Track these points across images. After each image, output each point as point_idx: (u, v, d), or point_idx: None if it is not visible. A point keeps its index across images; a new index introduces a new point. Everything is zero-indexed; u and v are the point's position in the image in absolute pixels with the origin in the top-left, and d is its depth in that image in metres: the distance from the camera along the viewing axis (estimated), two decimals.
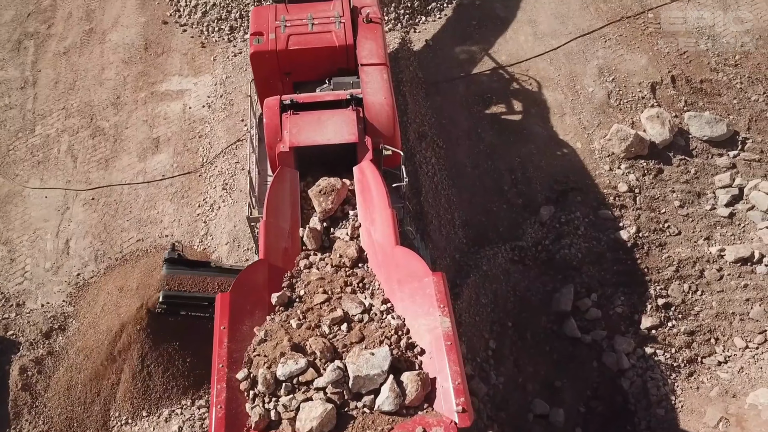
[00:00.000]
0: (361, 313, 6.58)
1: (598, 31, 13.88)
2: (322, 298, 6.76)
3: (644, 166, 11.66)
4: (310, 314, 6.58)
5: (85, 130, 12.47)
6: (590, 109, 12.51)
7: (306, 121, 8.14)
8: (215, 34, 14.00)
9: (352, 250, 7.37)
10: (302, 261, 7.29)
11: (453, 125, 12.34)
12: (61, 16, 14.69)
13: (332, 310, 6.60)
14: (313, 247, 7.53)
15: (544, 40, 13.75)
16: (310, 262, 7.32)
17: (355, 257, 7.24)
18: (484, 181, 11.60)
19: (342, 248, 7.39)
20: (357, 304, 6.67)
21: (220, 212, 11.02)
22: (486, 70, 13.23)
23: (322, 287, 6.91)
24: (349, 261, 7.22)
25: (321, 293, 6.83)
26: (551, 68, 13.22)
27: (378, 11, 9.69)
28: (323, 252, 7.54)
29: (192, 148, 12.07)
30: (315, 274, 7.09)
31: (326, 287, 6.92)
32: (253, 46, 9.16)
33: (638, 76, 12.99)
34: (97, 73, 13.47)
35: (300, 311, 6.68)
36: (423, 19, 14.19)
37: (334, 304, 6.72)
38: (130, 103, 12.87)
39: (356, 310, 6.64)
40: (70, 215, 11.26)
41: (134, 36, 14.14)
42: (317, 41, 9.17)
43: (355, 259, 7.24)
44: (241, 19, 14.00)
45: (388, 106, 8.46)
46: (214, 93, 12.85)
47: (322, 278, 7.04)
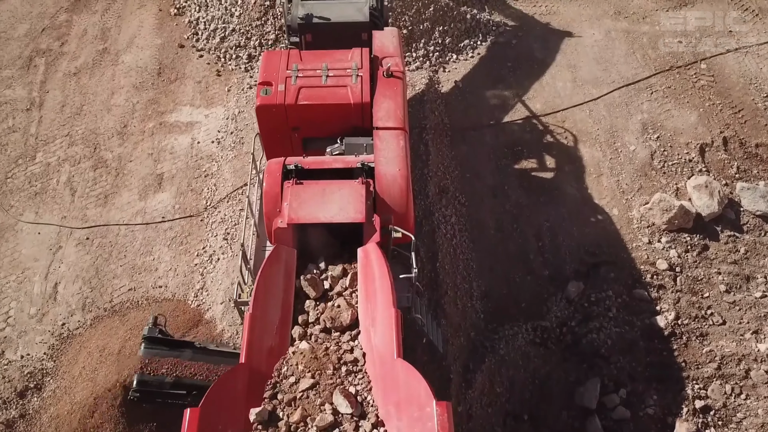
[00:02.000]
0: (351, 418, 5.77)
1: (644, 81, 12.73)
2: (309, 383, 6.03)
3: (687, 241, 10.50)
4: (295, 411, 5.79)
5: (87, 160, 11.78)
6: (630, 171, 11.38)
7: (309, 193, 7.24)
8: (232, 62, 13.21)
9: (346, 316, 6.65)
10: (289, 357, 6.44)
11: (478, 180, 11.33)
12: (75, 33, 14.08)
13: (321, 405, 5.79)
14: (313, 295, 6.90)
15: (584, 88, 12.65)
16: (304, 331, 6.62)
17: (348, 324, 6.59)
18: (508, 247, 10.58)
19: (336, 313, 6.64)
20: (347, 404, 5.86)
21: (218, 265, 10.20)
22: (518, 119, 12.19)
23: (310, 370, 6.11)
24: (342, 328, 6.58)
25: (309, 377, 6.06)
26: (590, 121, 12.13)
27: (400, 63, 8.74)
28: (324, 300, 6.90)
29: (196, 188, 11.29)
30: (302, 352, 6.28)
31: (315, 367, 6.13)
32: (260, 97, 8.30)
33: (686, 135, 11.82)
34: (107, 97, 12.79)
35: (284, 425, 5.82)
36: (454, 57, 13.21)
37: (323, 396, 5.91)
38: (137, 133, 12.15)
39: (347, 409, 5.83)
40: (61, 255, 10.56)
41: (148, 59, 13.44)
42: (330, 97, 8.27)
43: (349, 326, 6.58)
44: (260, 47, 13.20)
45: (402, 179, 7.51)
46: (225, 128, 12.05)
47: (313, 355, 6.23)
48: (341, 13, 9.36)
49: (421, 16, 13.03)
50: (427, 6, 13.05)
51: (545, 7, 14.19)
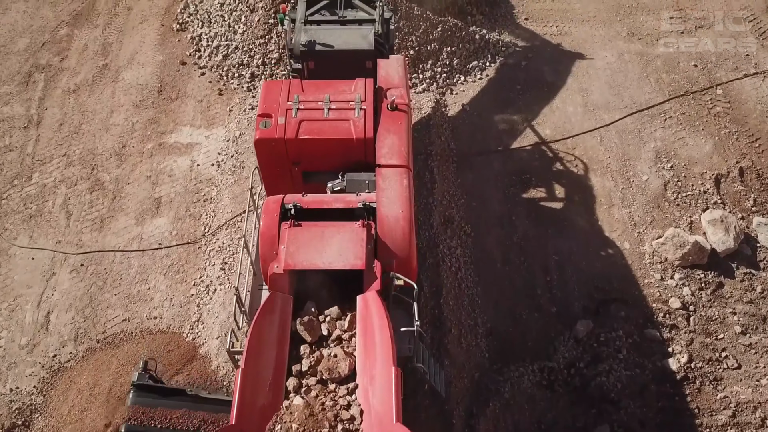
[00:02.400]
0: None
1: (657, 106, 12.34)
2: None
3: (702, 279, 10.11)
4: None
5: (84, 182, 11.50)
6: (643, 202, 11.00)
7: (307, 236, 6.90)
8: (234, 81, 12.91)
9: (344, 366, 6.33)
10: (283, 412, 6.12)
11: (484, 208, 10.98)
12: (76, 48, 13.81)
13: None
14: (309, 340, 6.60)
15: (596, 113, 12.27)
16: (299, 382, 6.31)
17: (346, 375, 6.27)
18: (515, 281, 10.22)
19: (333, 363, 6.34)
20: None
21: (215, 296, 9.89)
22: (527, 145, 11.83)
23: (305, 430, 5.80)
24: (339, 379, 6.27)
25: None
26: (601, 148, 11.75)
27: (406, 96, 8.40)
28: (320, 346, 6.60)
29: (195, 213, 10.98)
30: (296, 409, 5.96)
31: (310, 425, 5.84)
32: (259, 130, 7.98)
33: (701, 164, 11.43)
34: (106, 116, 12.51)
35: None
36: (462, 79, 12.85)
37: None
38: (136, 154, 11.86)
39: None
40: (55, 282, 10.27)
41: (149, 76, 13.15)
42: (332, 131, 7.93)
43: (347, 378, 6.27)
44: (263, 66, 12.88)
45: (405, 222, 7.17)
46: (225, 151, 11.75)
47: (308, 412, 5.91)
48: (345, 41, 9.03)
49: (429, 37, 12.69)
50: (435, 26, 12.71)
51: (556, 27, 13.81)
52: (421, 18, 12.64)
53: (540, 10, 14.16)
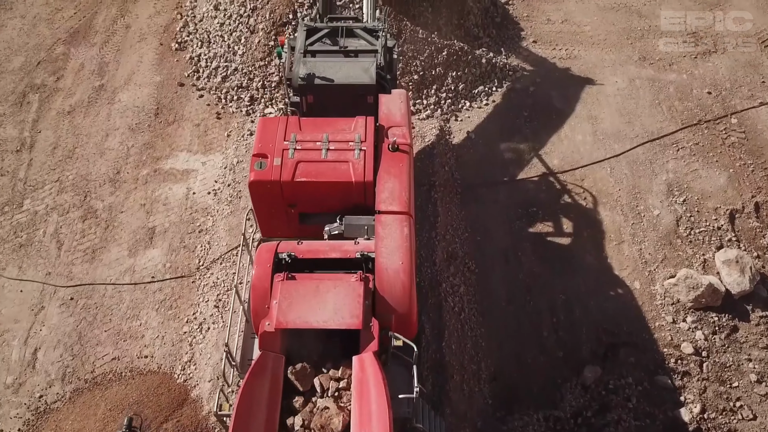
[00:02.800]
0: None
1: (669, 136, 11.93)
2: None
3: (715, 322, 9.69)
4: None
5: (76, 209, 11.16)
6: (654, 239, 10.58)
7: (301, 291, 6.52)
8: (233, 104, 12.56)
9: (337, 423, 6.04)
10: None
11: (489, 243, 10.58)
12: (72, 67, 13.48)
13: None
14: (302, 389, 6.32)
15: (606, 142, 11.86)
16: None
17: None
18: (521, 321, 9.81)
19: (326, 420, 6.05)
20: None
21: (208, 336, 9.53)
22: (534, 176, 11.43)
23: None
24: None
25: None
26: (611, 180, 11.34)
27: (407, 135, 8.01)
28: (313, 394, 6.31)
29: (189, 244, 10.63)
30: None
31: None
32: (254, 171, 7.60)
33: (714, 199, 11.01)
34: (100, 140, 12.17)
35: None
36: (467, 104, 12.46)
37: None
38: (130, 180, 11.51)
39: None
40: (44, 317, 9.93)
41: (146, 98, 12.81)
42: (330, 173, 7.56)
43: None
44: (263, 89, 12.52)
45: (405, 275, 6.78)
46: (222, 178, 11.39)
47: None
48: (346, 74, 8.65)
49: (434, 61, 12.31)
50: (440, 50, 12.32)
51: (565, 50, 13.41)
52: (426, 42, 12.26)
53: (549, 32, 13.76)
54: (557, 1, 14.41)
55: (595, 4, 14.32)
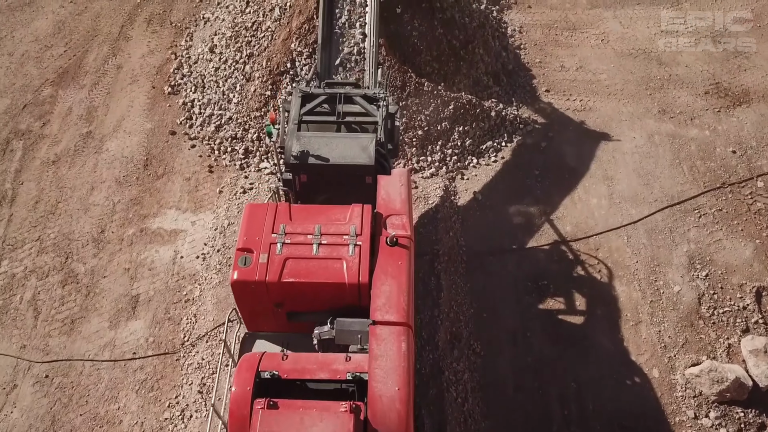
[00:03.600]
0: None
1: (691, 200, 11.15)
2: None
3: (741, 418, 8.91)
4: None
5: (56, 273, 10.49)
6: (674, 319, 9.81)
7: (283, 424, 5.81)
8: (227, 157, 11.86)
9: None
10: None
11: (495, 321, 9.84)
12: (59, 111, 12.83)
13: None
14: None
15: (622, 206, 11.10)
16: None
17: None
18: (528, 411, 9.06)
19: None
20: None
21: (190, 425, 8.82)
22: (545, 244, 10.67)
23: None
24: None
25: None
26: (628, 250, 10.57)
27: (408, 225, 7.27)
28: None
29: (175, 316, 9.94)
30: None
31: None
32: (238, 269, 6.89)
33: (740, 274, 10.23)
34: (85, 193, 11.51)
35: None
36: (474, 161, 11.72)
37: None
38: (115, 241, 10.84)
39: None
40: (15, 397, 9.26)
41: (135, 147, 12.14)
42: (321, 273, 6.83)
43: None
44: (258, 142, 11.83)
45: (401, 404, 6.04)
46: (212, 241, 10.70)
47: None
48: (343, 153, 7.93)
49: (440, 115, 11.57)
50: (446, 104, 11.59)
51: (580, 101, 12.65)
52: (431, 95, 11.53)
53: (562, 81, 13.00)
54: (572, 46, 13.65)
55: (612, 50, 13.55)
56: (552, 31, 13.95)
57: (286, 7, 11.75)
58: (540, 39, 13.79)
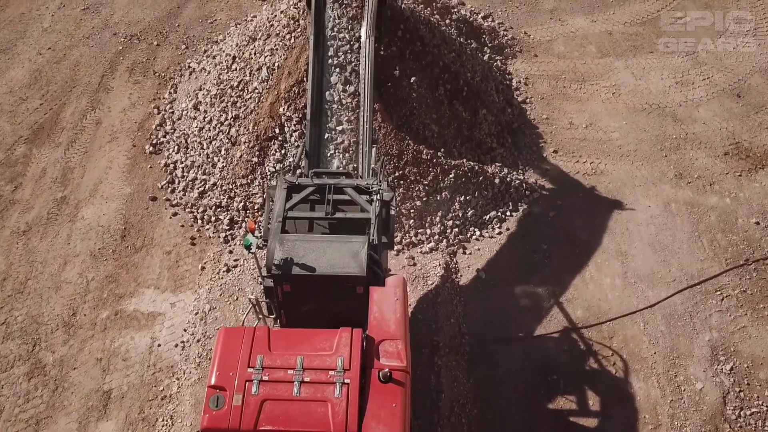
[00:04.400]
0: None
1: (712, 280, 10.29)
2: None
3: None
4: None
5: (22, 363, 9.63)
6: (697, 422, 8.94)
7: None
8: (211, 227, 11.01)
9: None
10: None
11: (502, 424, 8.94)
12: (32, 173, 11.99)
13: None
14: None
15: (637, 287, 10.24)
16: None
17: None
18: None
19: None
20: None
21: None
22: (554, 332, 9.80)
23: None
24: None
25: None
26: (644, 339, 9.70)
27: (403, 353, 6.42)
28: None
29: (149, 416, 9.07)
30: None
31: None
32: (209, 411, 6.00)
33: (767, 367, 9.37)
34: (57, 269, 10.66)
35: None
36: (477, 233, 10.86)
37: None
38: (87, 325, 9.98)
39: None
40: None
41: (113, 214, 11.30)
42: (303, 420, 5.93)
43: None
44: (245, 212, 10.98)
45: None
46: (192, 327, 9.84)
47: None
48: (330, 261, 7.06)
49: (439, 185, 10.73)
50: (446, 172, 10.74)
51: (590, 164, 11.79)
52: (430, 163, 10.68)
53: (571, 141, 12.15)
54: (581, 100, 12.80)
55: (623, 105, 12.70)
56: (560, 82, 13.10)
57: (274, 67, 10.91)
58: (547, 92, 12.94)
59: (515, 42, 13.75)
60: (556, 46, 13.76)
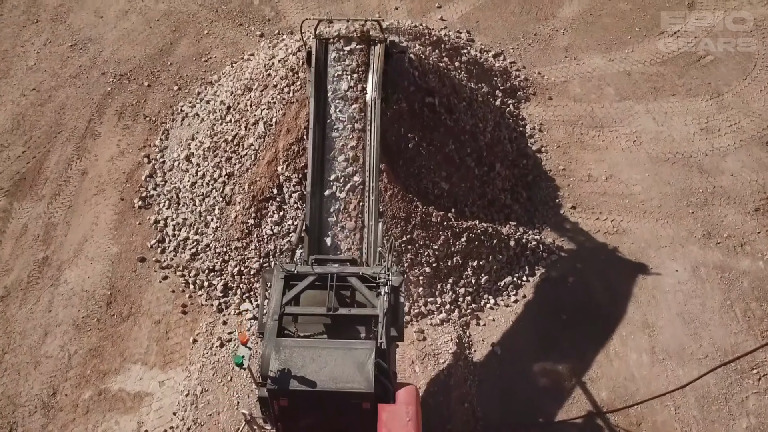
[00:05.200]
0: None
1: (747, 356, 9.45)
2: None
3: None
4: None
5: None
6: None
7: None
8: (203, 293, 10.21)
9: None
10: None
11: None
12: (12, 230, 11.18)
13: None
14: None
15: (667, 364, 9.42)
16: None
17: None
18: None
19: None
20: None
21: None
22: (576, 417, 8.97)
23: None
24: None
25: None
26: (676, 426, 8.88)
27: None
28: None
29: None
30: None
31: None
32: None
33: None
34: (37, 341, 9.84)
35: None
36: (491, 301, 10.05)
37: None
38: (68, 407, 9.17)
39: None
40: None
41: (98, 278, 10.49)
42: None
43: None
44: (240, 277, 10.17)
45: None
46: (182, 411, 9.02)
47: None
48: (334, 373, 6.24)
49: (450, 249, 9.91)
50: (458, 235, 9.93)
51: (611, 222, 10.97)
52: (440, 226, 9.87)
53: (590, 195, 11.32)
54: (599, 149, 11.98)
55: (645, 154, 11.87)
56: (576, 129, 12.28)
57: (272, 122, 10.09)
58: (563, 139, 12.12)
59: (528, 83, 12.93)
60: (572, 87, 12.94)
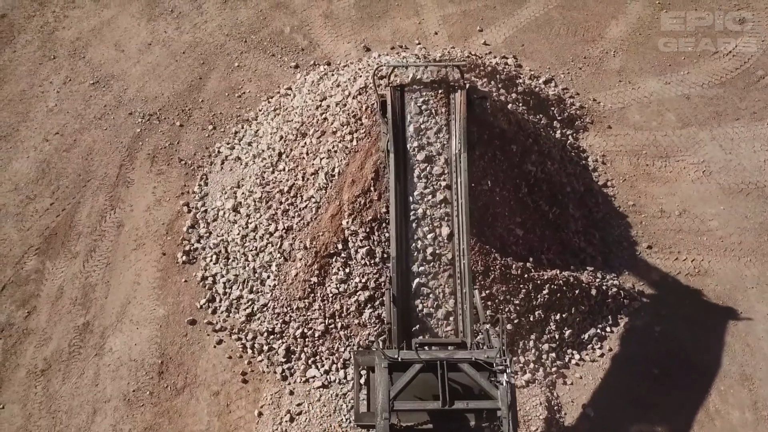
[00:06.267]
0: None
1: None
2: None
3: None
4: None
5: None
6: None
7: None
8: (264, 359, 9.42)
9: None
10: None
11: None
12: (47, 293, 10.29)
13: None
14: None
15: None
16: None
17: None
18: None
19: None
20: None
21: None
22: None
23: None
24: None
25: None
26: None
27: None
28: None
29: None
30: None
31: None
32: None
33: None
34: (86, 420, 8.99)
35: None
36: (576, 357, 9.36)
37: None
38: None
39: None
40: None
41: (146, 344, 9.65)
42: None
43: None
44: (303, 340, 9.39)
45: None
46: None
47: None
48: None
49: (532, 303, 9.22)
50: (539, 288, 9.23)
51: (692, 261, 10.33)
52: (521, 278, 9.17)
53: (665, 232, 10.66)
54: (668, 181, 11.33)
55: (717, 185, 11.25)
56: (641, 159, 11.63)
57: (334, 172, 9.33)
58: (628, 171, 11.47)
59: (584, 111, 12.26)
60: (631, 114, 12.29)
